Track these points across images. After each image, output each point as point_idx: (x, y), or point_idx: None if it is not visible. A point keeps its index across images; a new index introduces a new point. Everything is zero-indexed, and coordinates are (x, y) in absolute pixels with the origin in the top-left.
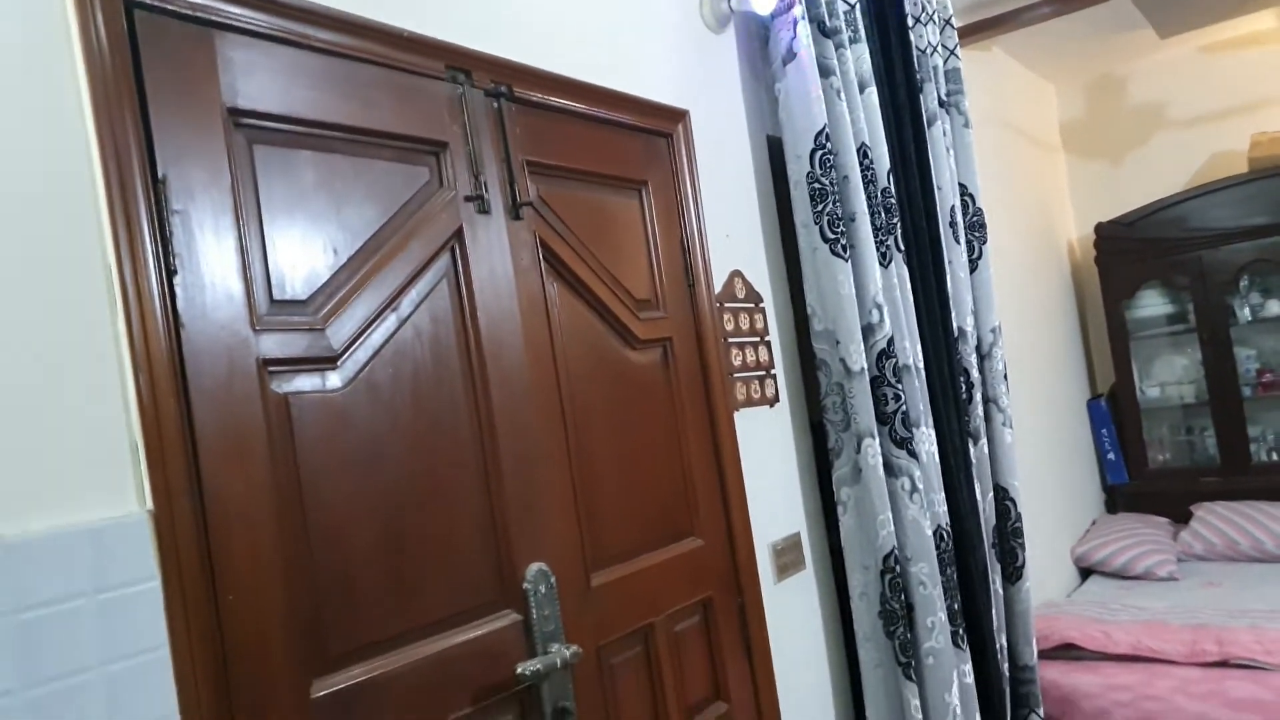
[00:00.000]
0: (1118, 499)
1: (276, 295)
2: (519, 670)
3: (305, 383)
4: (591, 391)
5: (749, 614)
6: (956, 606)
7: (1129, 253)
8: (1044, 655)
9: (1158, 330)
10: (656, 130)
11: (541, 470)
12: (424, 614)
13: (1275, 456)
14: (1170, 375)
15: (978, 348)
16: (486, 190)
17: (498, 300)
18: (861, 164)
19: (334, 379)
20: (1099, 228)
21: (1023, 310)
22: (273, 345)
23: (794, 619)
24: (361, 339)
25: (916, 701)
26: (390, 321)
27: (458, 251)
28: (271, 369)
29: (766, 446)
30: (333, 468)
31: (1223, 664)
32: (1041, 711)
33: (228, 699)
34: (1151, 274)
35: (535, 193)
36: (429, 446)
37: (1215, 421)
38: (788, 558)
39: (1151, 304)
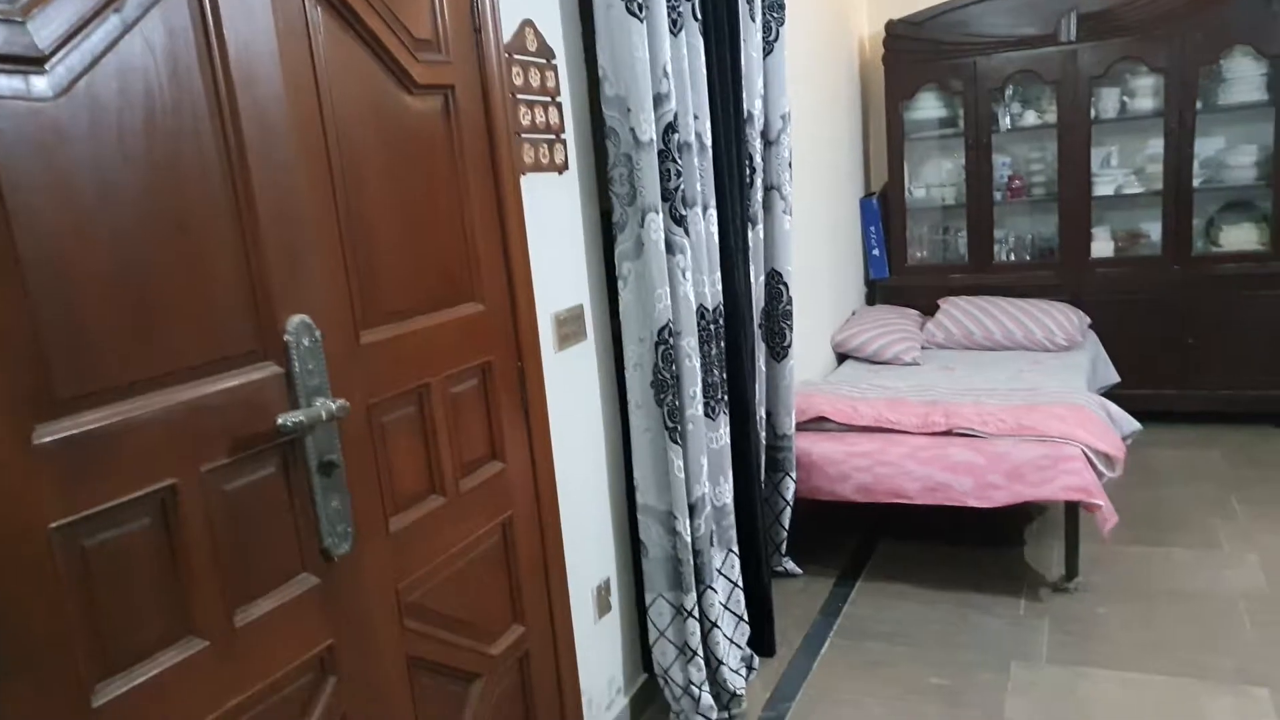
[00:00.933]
0: (877, 292)
1: None
2: (279, 421)
3: (3, 84)
4: (363, 137)
5: (528, 380)
6: (720, 379)
7: (914, 53)
8: (799, 427)
9: (930, 133)
10: None
11: (302, 214)
12: (171, 360)
13: (1013, 257)
14: (936, 178)
15: (764, 133)
16: None
17: (249, 19)
18: None
19: (41, 85)
20: (890, 25)
21: (810, 102)
22: None
23: (573, 386)
24: (76, 41)
25: (680, 462)
26: (113, 23)
27: None
28: None
29: (553, 215)
30: (48, 188)
31: (948, 433)
32: (794, 474)
33: None
34: (931, 76)
35: None
36: (171, 182)
37: (969, 223)
38: (569, 328)
39: (928, 107)
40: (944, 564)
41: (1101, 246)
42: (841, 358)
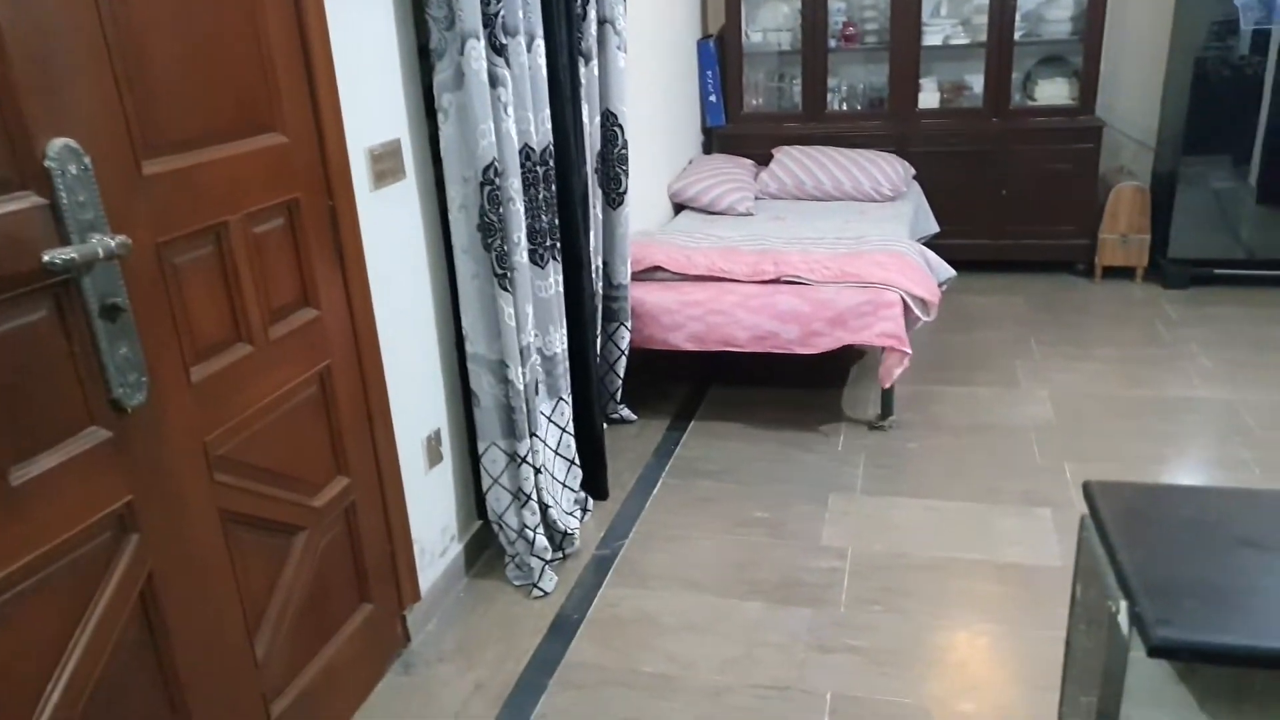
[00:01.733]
0: (714, 140)
1: None
2: (46, 259)
3: None
4: None
5: (341, 220)
6: (550, 224)
7: None
8: (634, 276)
9: None
10: None
11: (56, 23)
12: None
13: (845, 106)
14: (773, 22)
15: None
16: None
17: None
18: None
19: None
20: None
21: None
22: None
23: (392, 228)
24: None
25: (510, 310)
26: None
27: None
28: None
29: (362, 36)
30: None
31: (776, 281)
32: (630, 324)
33: None
34: None
35: None
36: None
37: (803, 70)
38: (386, 164)
39: None
40: (771, 406)
41: (928, 97)
42: (679, 208)
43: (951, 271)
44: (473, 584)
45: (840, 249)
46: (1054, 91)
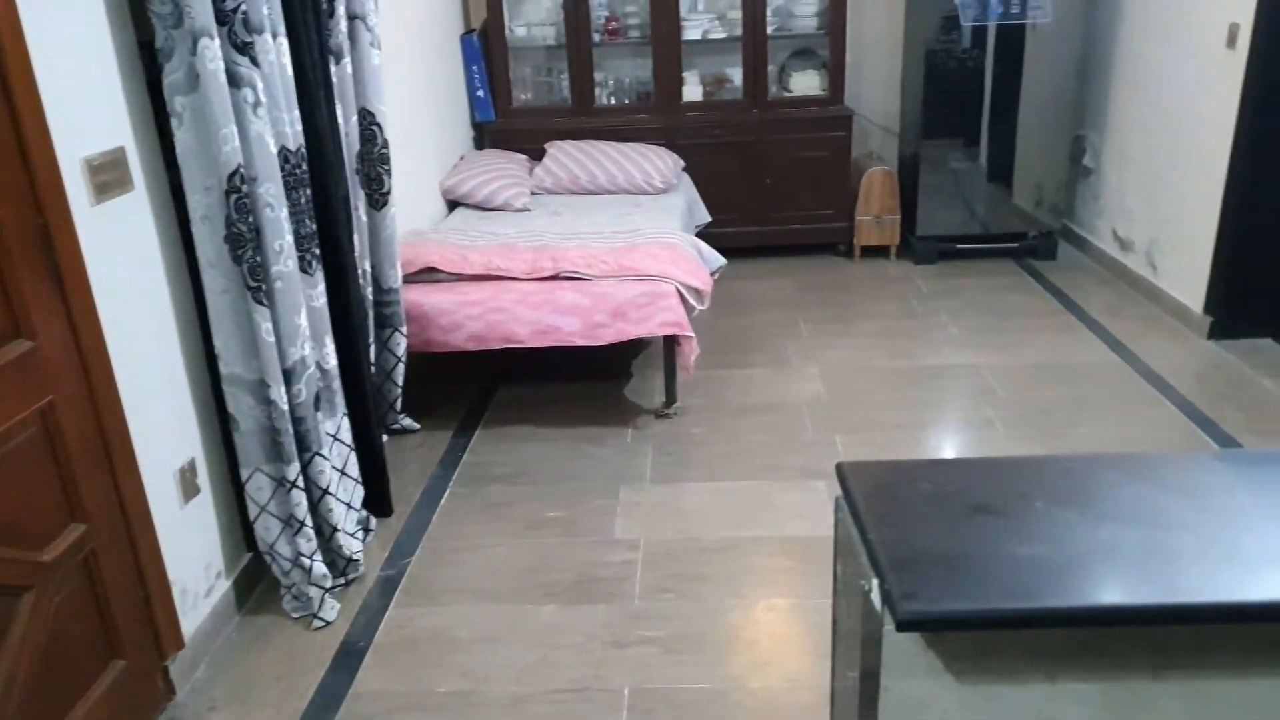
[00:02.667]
0: (485, 136)
1: None
2: None
3: None
4: None
5: (57, 240)
6: (311, 230)
7: None
8: (408, 279)
9: None
10: None
11: None
12: None
13: (613, 100)
14: (536, 16)
15: None
16: None
17: None
18: None
19: None
20: None
21: None
22: None
23: (122, 245)
24: None
25: (268, 325)
26: None
27: None
28: None
29: (66, 34)
30: None
31: (556, 277)
32: (405, 329)
33: None
34: None
35: None
36: None
37: (570, 65)
38: (108, 175)
39: None
40: (560, 403)
41: (692, 90)
42: (453, 205)
43: (722, 260)
44: (246, 622)
45: (618, 242)
46: (807, 83)
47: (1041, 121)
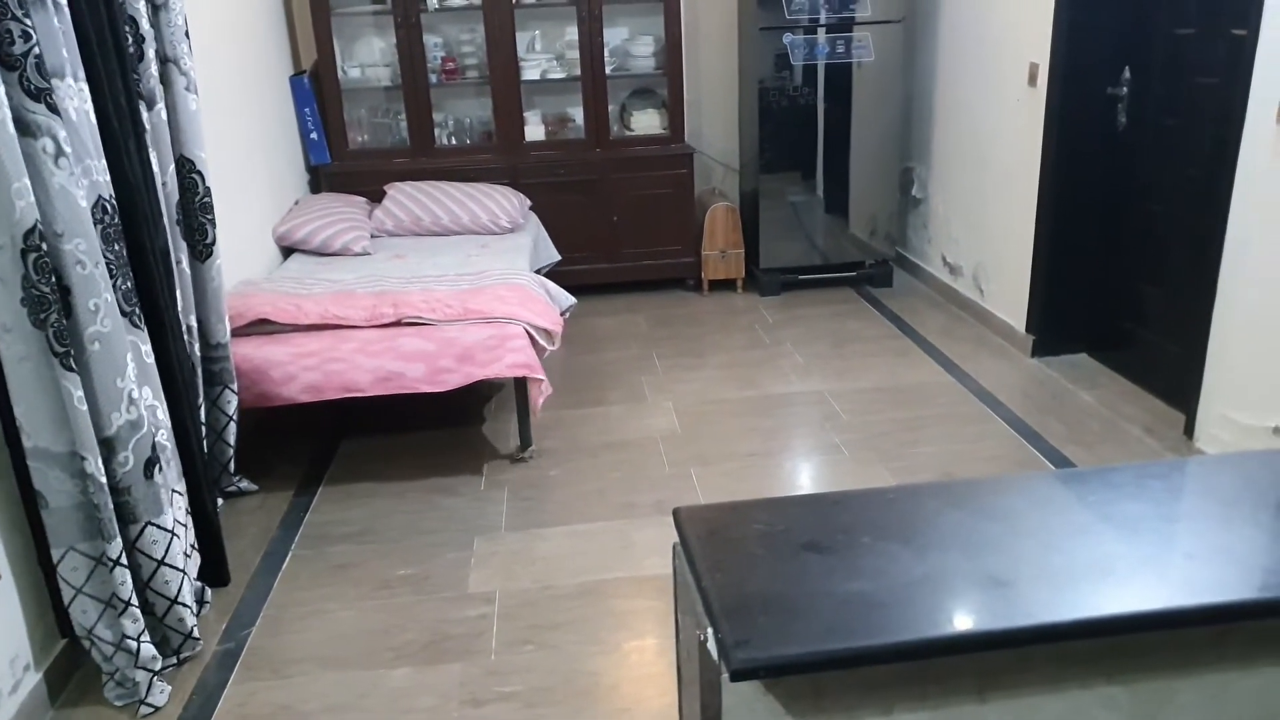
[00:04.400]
0: (321, 179)
1: None
2: None
3: None
4: None
5: None
6: (129, 286)
7: None
8: (239, 332)
9: (359, 8)
10: None
11: None
12: None
13: (454, 141)
14: (370, 57)
15: None
16: None
17: None
18: None
19: None
20: None
21: None
22: None
23: None
24: None
25: (80, 393)
26: None
27: None
28: None
29: None
30: None
31: (398, 324)
32: (235, 386)
33: None
34: None
35: None
36: None
37: (407, 105)
38: None
39: None
40: (409, 453)
41: (534, 130)
42: (288, 251)
43: (572, 300)
44: (61, 716)
45: (463, 285)
46: (648, 121)
47: (872, 155)
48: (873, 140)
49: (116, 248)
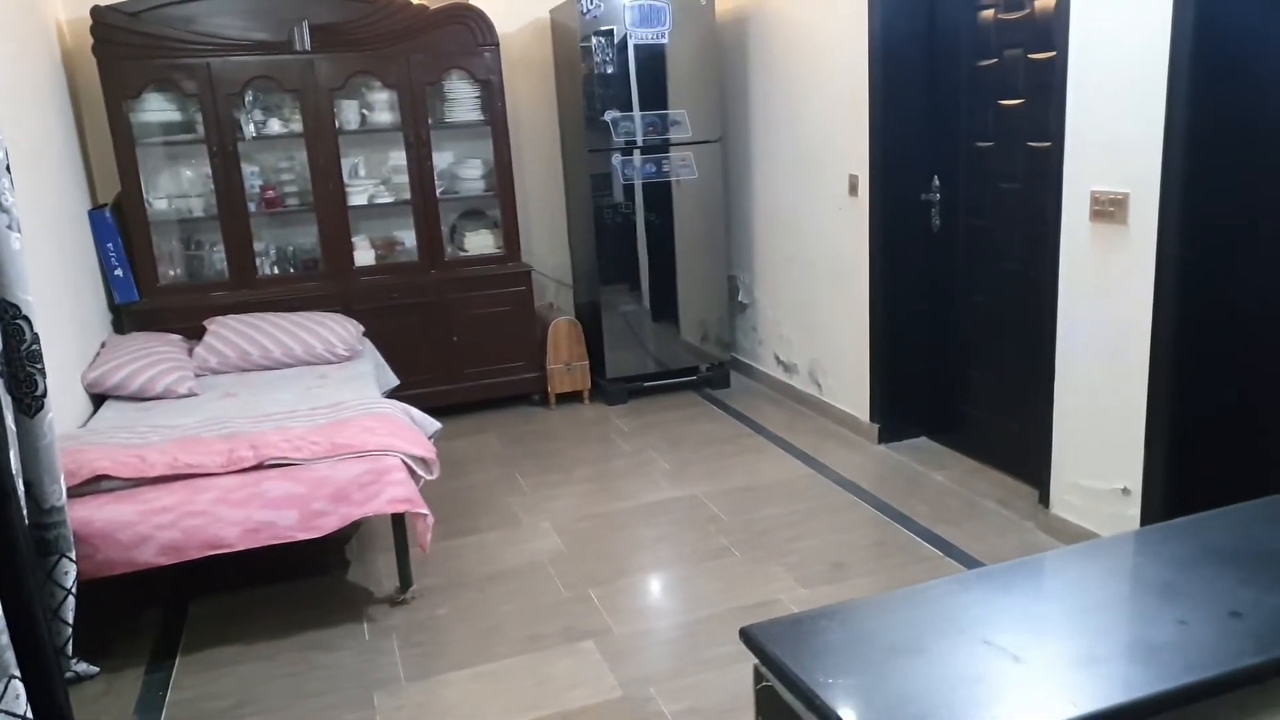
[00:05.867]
0: (128, 318)
1: None
2: None
3: None
4: None
5: None
6: None
7: (134, 47)
8: (73, 492)
9: (166, 138)
10: None
11: None
12: None
13: (277, 270)
14: (178, 187)
15: None
16: None
17: None
18: None
19: None
20: (97, 12)
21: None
22: None
23: None
24: None
25: None
26: None
27: None
28: None
29: None
30: None
31: (259, 467)
32: (74, 554)
33: None
34: (159, 75)
35: None
36: None
37: (224, 236)
38: None
39: (159, 109)
40: (270, 608)
41: (363, 255)
42: (99, 399)
43: (437, 424)
44: None
45: (319, 419)
46: (481, 242)
47: (697, 264)
48: (696, 252)
49: None
